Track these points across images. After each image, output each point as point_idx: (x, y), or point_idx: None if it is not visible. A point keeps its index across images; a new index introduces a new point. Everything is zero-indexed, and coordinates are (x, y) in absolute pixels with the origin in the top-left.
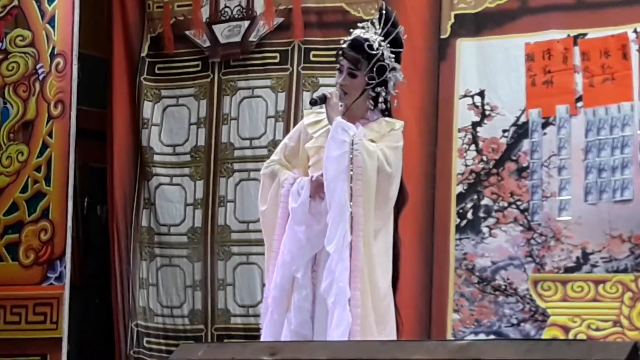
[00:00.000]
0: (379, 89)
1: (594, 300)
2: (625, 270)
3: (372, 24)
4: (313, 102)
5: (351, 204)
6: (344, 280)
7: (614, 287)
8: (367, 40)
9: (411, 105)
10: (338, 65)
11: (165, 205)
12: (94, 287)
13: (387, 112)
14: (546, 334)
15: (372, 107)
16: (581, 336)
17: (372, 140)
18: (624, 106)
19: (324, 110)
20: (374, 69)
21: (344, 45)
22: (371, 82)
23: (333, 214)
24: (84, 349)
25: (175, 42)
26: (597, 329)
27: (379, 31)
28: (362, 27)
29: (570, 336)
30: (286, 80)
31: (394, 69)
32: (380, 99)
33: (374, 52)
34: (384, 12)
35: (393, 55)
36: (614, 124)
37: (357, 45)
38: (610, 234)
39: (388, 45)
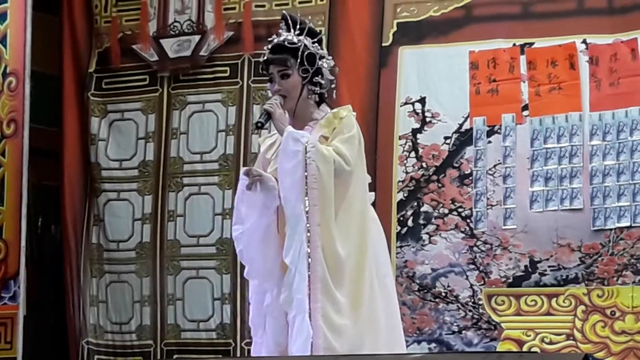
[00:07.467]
0: (316, 78)
1: (548, 314)
2: (575, 280)
3: (279, 34)
4: (259, 125)
5: (307, 213)
6: (302, 291)
7: (567, 300)
8: (285, 39)
9: None
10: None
11: (113, 221)
12: (49, 306)
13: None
14: (500, 348)
15: (317, 103)
16: (535, 350)
17: (325, 137)
18: (572, 116)
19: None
20: (304, 61)
21: (267, 56)
22: (306, 74)
23: (289, 226)
24: None
25: (122, 57)
26: (551, 343)
27: (292, 32)
28: (272, 39)
29: (524, 350)
30: (237, 94)
31: (322, 56)
32: (319, 89)
33: (297, 45)
34: (287, 17)
35: (316, 44)
36: (561, 133)
37: (279, 47)
38: (558, 243)
39: (306, 37)
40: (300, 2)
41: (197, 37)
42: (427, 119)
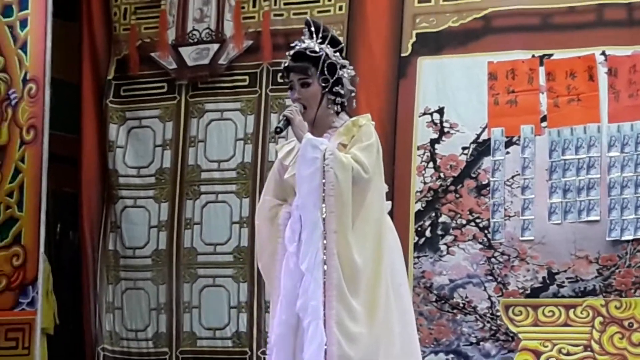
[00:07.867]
0: (336, 88)
1: (565, 324)
2: (593, 292)
3: (301, 40)
4: (278, 131)
5: (324, 220)
6: (317, 298)
7: (584, 311)
8: (307, 47)
9: None
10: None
11: (130, 227)
12: (67, 312)
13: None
14: (518, 359)
15: (337, 112)
16: None
17: (343, 145)
18: (590, 127)
19: (295, 138)
20: (325, 70)
21: (288, 63)
22: (326, 84)
23: (306, 233)
24: None
25: (140, 64)
26: (568, 354)
27: (314, 40)
28: (294, 45)
29: None
30: (255, 103)
31: (343, 66)
32: (339, 99)
33: (319, 54)
34: (311, 24)
35: (337, 53)
36: (579, 144)
37: (300, 54)
38: (576, 255)
39: (328, 45)
40: (318, 12)
41: (215, 46)
42: (445, 129)
